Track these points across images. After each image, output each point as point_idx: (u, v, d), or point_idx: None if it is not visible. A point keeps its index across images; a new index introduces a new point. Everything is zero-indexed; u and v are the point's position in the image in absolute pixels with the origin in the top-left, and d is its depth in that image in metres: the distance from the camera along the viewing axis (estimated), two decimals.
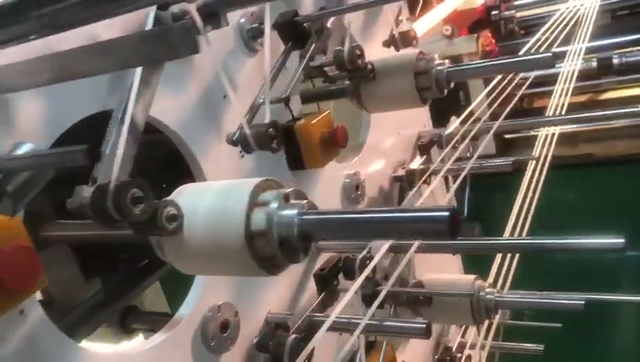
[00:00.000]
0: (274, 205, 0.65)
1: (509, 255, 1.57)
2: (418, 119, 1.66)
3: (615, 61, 3.73)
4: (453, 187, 1.37)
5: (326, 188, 1.23)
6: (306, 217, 0.64)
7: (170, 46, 0.52)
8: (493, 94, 2.44)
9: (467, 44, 3.80)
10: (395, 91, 1.18)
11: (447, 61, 1.24)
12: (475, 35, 3.79)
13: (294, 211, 0.65)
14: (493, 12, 4.14)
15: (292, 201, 0.66)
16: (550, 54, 1.04)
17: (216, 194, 0.68)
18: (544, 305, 1.25)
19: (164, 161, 1.04)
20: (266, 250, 0.65)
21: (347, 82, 1.21)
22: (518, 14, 4.08)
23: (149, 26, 0.72)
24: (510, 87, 2.03)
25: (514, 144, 3.95)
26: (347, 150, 1.49)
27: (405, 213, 0.59)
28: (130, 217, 0.60)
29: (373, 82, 1.18)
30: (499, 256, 1.59)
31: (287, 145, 1.08)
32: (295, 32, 0.99)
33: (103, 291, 1.07)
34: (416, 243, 1.08)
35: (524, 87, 2.23)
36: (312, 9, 1.16)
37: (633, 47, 3.65)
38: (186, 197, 0.69)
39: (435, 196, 1.49)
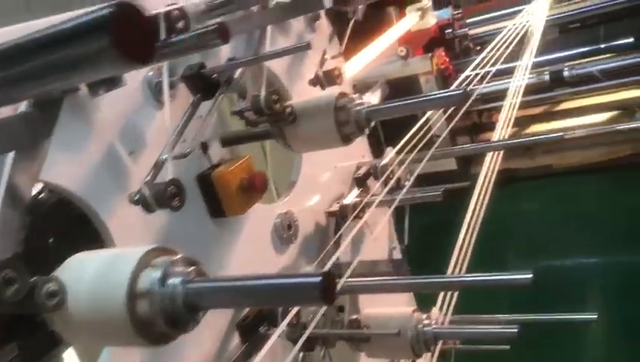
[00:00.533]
0: (157, 274, 0.64)
1: None
2: (357, 150, 1.67)
3: (566, 74, 3.81)
4: (384, 218, 1.38)
5: (254, 230, 1.22)
6: (190, 286, 0.64)
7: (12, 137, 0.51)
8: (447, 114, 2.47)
9: (422, 63, 3.85)
10: (317, 132, 1.19)
11: (368, 100, 1.25)
12: (430, 54, 3.84)
13: (179, 279, 0.64)
14: (447, 30, 4.20)
15: (178, 269, 0.66)
16: (461, 91, 1.06)
17: (101, 265, 0.67)
18: (478, 334, 1.26)
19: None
20: (152, 320, 0.64)
21: (269, 125, 1.21)
22: (472, 31, 4.15)
23: None
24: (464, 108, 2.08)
25: (474, 157, 3.99)
26: (285, 188, 1.50)
27: (278, 279, 0.60)
28: (2, 299, 0.60)
29: (294, 124, 1.19)
30: None
31: (205, 193, 1.09)
32: (203, 84, 1.00)
33: (18, 357, 1.05)
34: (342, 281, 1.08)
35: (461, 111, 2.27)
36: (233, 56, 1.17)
37: (582, 60, 3.74)
38: (71, 269, 0.68)
39: (372, 228, 1.49)
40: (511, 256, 3.66)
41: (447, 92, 1.05)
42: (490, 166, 2.05)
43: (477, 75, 2.32)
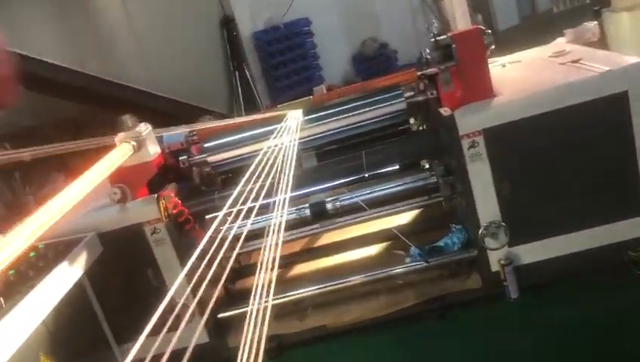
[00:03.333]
0: None
1: None
2: None
3: (329, 206, 3.14)
4: None
5: None
6: None
7: None
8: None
9: (146, 208, 2.84)
10: None
11: None
12: (156, 195, 2.85)
13: None
14: (181, 157, 3.28)
15: None
16: None
17: None
18: None
19: None
20: None
21: None
22: (212, 158, 3.29)
23: None
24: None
25: (229, 325, 3.04)
26: None
27: None
28: None
29: None
30: None
31: None
32: None
33: None
34: None
35: None
36: None
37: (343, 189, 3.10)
38: None
39: None
40: None
41: None
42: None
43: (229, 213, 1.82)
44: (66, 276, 2.53)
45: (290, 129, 2.92)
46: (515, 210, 2.77)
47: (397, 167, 3.07)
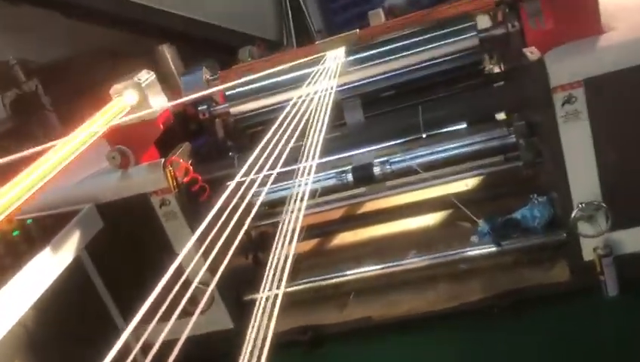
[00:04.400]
0: None
1: None
2: None
3: (376, 170, 2.53)
4: None
5: None
6: None
7: None
8: None
9: (152, 176, 2.33)
10: None
11: None
12: (162, 160, 2.34)
13: None
14: (201, 107, 2.74)
15: None
16: None
17: None
18: None
19: None
20: None
21: None
22: (235, 109, 2.71)
23: None
24: None
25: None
26: None
27: None
28: None
29: None
30: None
31: None
32: None
33: None
34: None
35: None
36: None
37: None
38: None
39: None
40: None
41: None
42: None
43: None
44: (58, 258, 2.11)
45: (330, 72, 2.30)
46: (620, 187, 2.08)
47: (464, 125, 2.39)
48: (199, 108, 2.76)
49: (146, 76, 2.32)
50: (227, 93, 2.72)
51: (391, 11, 4.94)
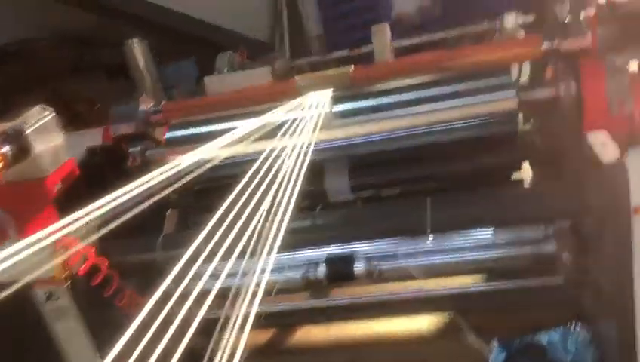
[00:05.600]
0: None
1: None
2: None
3: (359, 267, 1.82)
4: None
5: None
6: None
7: None
8: None
9: (34, 260, 1.62)
10: None
11: None
12: (52, 239, 1.62)
13: None
14: (133, 149, 2.05)
15: None
16: None
17: None
18: None
19: None
20: None
21: None
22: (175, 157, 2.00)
23: None
24: None
25: None
26: None
27: None
28: None
29: None
30: None
31: None
32: None
33: None
34: None
35: None
36: None
37: None
38: None
39: None
40: None
41: None
42: None
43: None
44: None
45: (307, 123, 1.62)
46: None
47: (490, 231, 1.68)
48: (130, 150, 2.06)
49: (36, 117, 1.60)
50: (168, 135, 2.02)
51: (400, 20, 4.26)
